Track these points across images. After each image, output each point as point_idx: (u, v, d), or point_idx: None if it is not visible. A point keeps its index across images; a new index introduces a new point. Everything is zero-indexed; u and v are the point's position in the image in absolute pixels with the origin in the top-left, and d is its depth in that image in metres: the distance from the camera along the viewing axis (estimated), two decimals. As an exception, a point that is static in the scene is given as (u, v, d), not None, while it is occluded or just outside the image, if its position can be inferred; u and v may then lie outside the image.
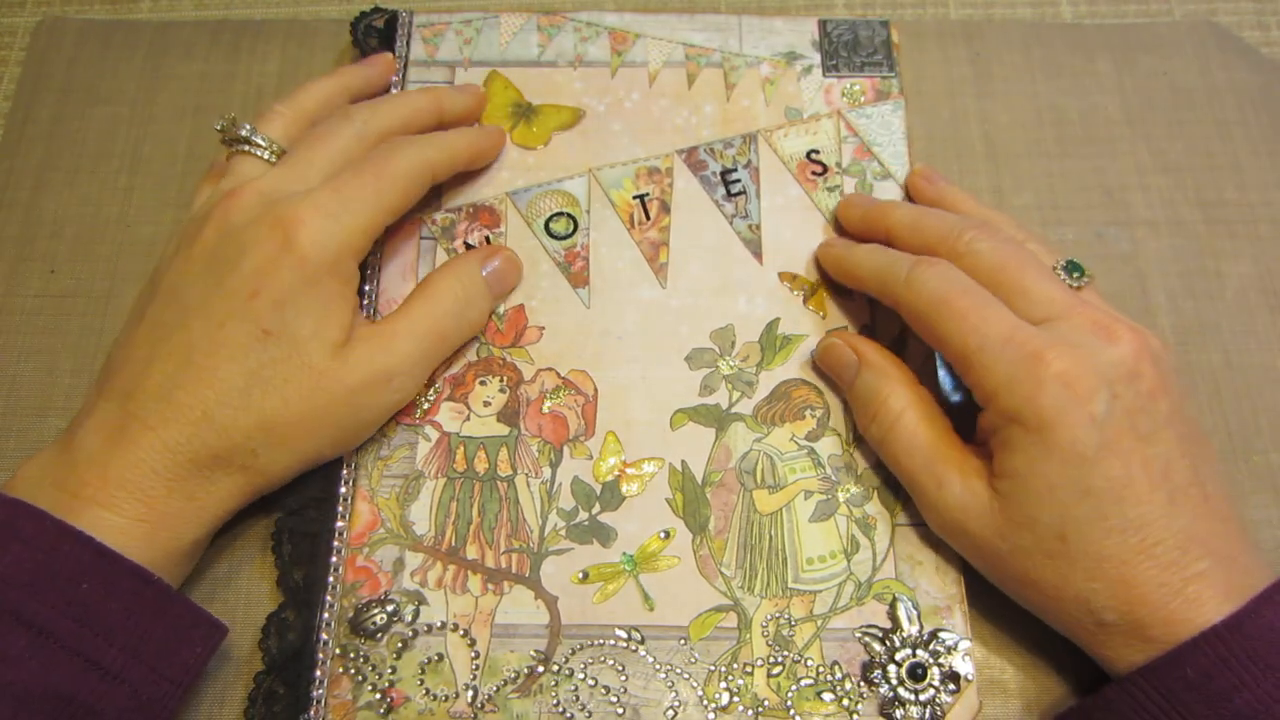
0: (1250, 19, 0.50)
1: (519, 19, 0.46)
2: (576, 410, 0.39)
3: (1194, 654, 0.30)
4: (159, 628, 0.31)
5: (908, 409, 0.36)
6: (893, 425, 0.36)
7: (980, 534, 0.33)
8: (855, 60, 0.45)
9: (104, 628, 0.30)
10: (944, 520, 0.35)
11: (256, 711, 0.34)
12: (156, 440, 0.33)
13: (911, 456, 0.35)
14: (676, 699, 0.35)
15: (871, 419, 0.37)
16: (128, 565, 0.31)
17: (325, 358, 0.35)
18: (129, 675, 0.31)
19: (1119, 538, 0.31)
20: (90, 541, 0.31)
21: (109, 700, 0.30)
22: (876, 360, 0.37)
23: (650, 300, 0.41)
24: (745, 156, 0.43)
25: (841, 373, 0.38)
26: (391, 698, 0.34)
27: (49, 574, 0.30)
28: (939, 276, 0.35)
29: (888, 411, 0.36)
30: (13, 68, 0.49)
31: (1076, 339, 0.33)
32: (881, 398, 0.36)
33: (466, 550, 0.37)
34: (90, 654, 0.30)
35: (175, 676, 0.32)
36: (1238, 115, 0.46)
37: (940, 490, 0.34)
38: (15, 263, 0.43)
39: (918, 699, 0.34)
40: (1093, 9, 0.50)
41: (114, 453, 0.32)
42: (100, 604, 0.31)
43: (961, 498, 0.34)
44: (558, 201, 0.43)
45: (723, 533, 0.37)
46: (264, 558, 0.37)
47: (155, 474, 0.33)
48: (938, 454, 0.35)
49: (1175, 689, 0.30)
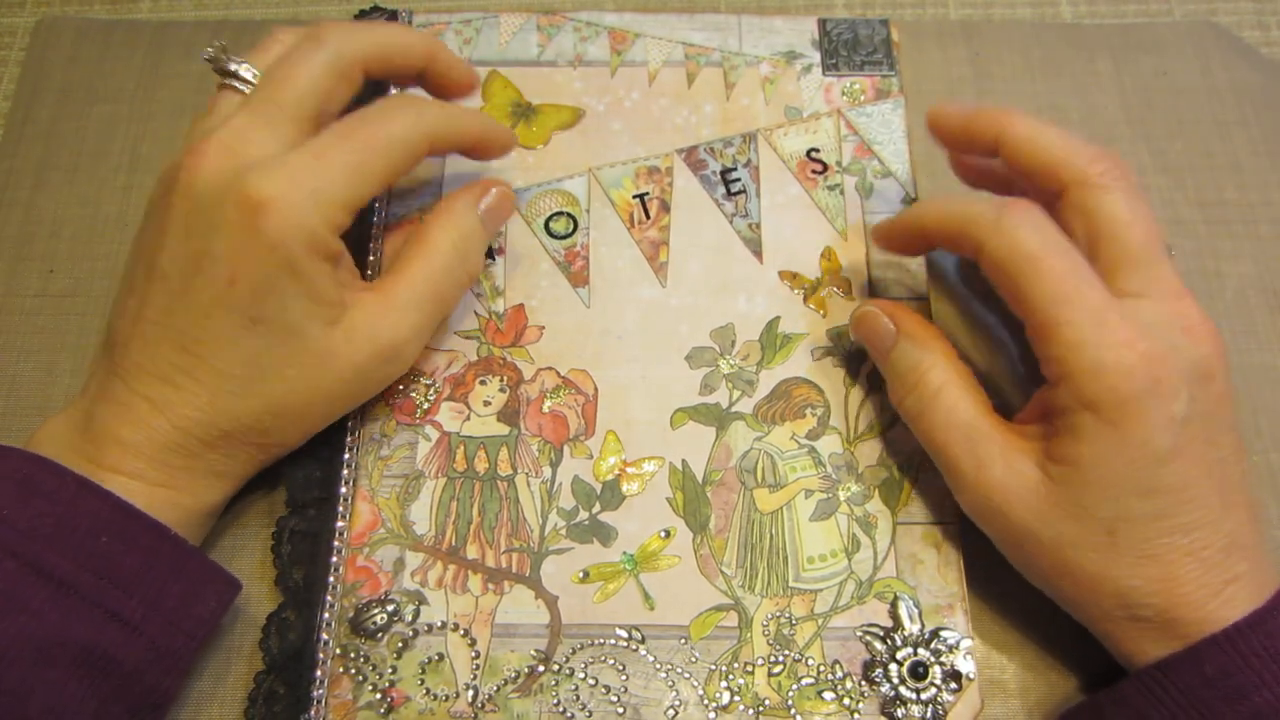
0: (1250, 19, 0.50)
1: (518, 19, 0.46)
2: (576, 410, 0.39)
3: (1213, 651, 0.30)
4: (177, 582, 0.32)
5: (948, 383, 0.34)
6: (932, 399, 0.34)
7: (1021, 518, 0.32)
8: (855, 59, 0.45)
9: (123, 580, 0.31)
10: (980, 501, 0.33)
11: (256, 711, 0.34)
12: (165, 421, 0.33)
13: (950, 432, 0.33)
14: (677, 698, 0.35)
15: (908, 391, 0.35)
16: (146, 520, 0.32)
17: (322, 338, 0.33)
18: (148, 627, 0.31)
19: (1170, 539, 0.31)
20: (109, 496, 0.31)
21: (128, 651, 0.31)
22: (916, 330, 0.35)
23: (650, 299, 0.41)
24: (745, 155, 0.43)
25: (877, 343, 0.36)
26: (392, 698, 0.34)
27: (69, 527, 0.31)
28: (1034, 227, 0.32)
29: (927, 385, 0.34)
30: (12, 68, 0.49)
31: (1164, 331, 0.31)
32: (921, 370, 0.34)
33: (467, 550, 0.37)
34: (110, 605, 0.30)
35: (191, 630, 0.32)
36: (1237, 115, 0.46)
37: (980, 470, 0.33)
38: (14, 262, 0.43)
39: (919, 698, 0.34)
40: (1093, 9, 0.50)
41: (127, 429, 0.33)
42: (120, 557, 0.31)
43: (1004, 479, 0.32)
44: (557, 201, 0.43)
45: (723, 532, 0.37)
46: (264, 558, 0.37)
47: (169, 450, 0.33)
48: (979, 431, 0.33)
49: (1193, 685, 0.30)
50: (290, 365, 0.33)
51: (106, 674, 0.30)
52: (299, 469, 0.38)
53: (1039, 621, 0.36)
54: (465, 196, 0.38)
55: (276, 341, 0.33)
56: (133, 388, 0.33)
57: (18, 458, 0.32)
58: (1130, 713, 0.31)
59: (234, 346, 0.33)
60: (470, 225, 0.37)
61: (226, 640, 0.36)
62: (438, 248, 0.36)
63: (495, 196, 0.38)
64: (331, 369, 0.34)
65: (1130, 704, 0.31)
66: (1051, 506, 0.31)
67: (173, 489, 0.33)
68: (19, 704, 0.29)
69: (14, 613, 0.29)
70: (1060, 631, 0.35)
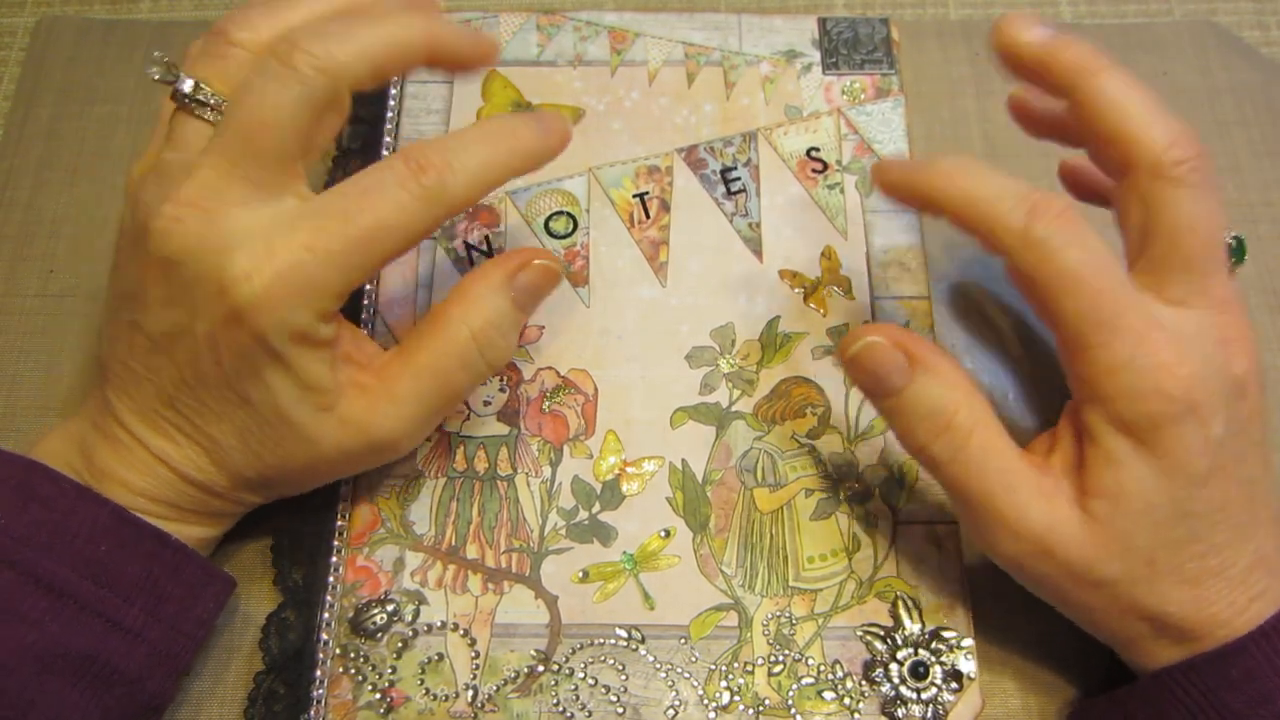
0: (1250, 19, 0.50)
1: (518, 18, 0.46)
2: (576, 409, 0.39)
3: (1240, 654, 0.29)
4: (176, 587, 0.32)
5: (979, 423, 0.30)
6: (964, 443, 0.30)
7: (1066, 562, 0.30)
8: (855, 58, 0.45)
9: (123, 589, 0.30)
10: (1023, 550, 0.30)
11: (256, 711, 0.34)
12: (168, 472, 0.32)
13: (986, 479, 0.30)
14: (677, 698, 0.35)
15: (935, 436, 0.30)
16: (147, 528, 0.31)
17: (313, 424, 0.31)
18: (149, 634, 0.31)
19: (1203, 561, 0.29)
20: (108, 503, 0.31)
21: (130, 658, 0.30)
22: (938, 363, 0.31)
23: (650, 299, 0.41)
24: (745, 155, 0.43)
25: (885, 381, 0.31)
26: (392, 697, 0.34)
27: (67, 535, 0.30)
28: (1069, 240, 0.29)
29: (958, 427, 0.30)
30: (12, 68, 0.49)
31: (1204, 346, 0.29)
32: (950, 411, 0.30)
33: (466, 550, 0.37)
34: (110, 614, 0.30)
35: (191, 631, 0.32)
36: (1237, 115, 0.46)
37: (1023, 517, 0.30)
38: (14, 262, 0.43)
39: (920, 698, 0.34)
40: (1093, 9, 0.50)
41: (133, 475, 0.32)
42: (119, 565, 0.30)
43: (1047, 523, 0.29)
44: (557, 200, 0.43)
45: (723, 531, 0.37)
46: (264, 558, 0.37)
47: (173, 489, 0.32)
48: (1017, 475, 0.30)
49: (1216, 687, 0.29)
50: (283, 443, 0.31)
51: (109, 683, 0.30)
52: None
53: (1040, 621, 0.36)
54: (495, 274, 0.33)
55: (266, 423, 0.31)
56: (131, 432, 0.32)
57: (14, 464, 0.31)
58: (1151, 712, 0.30)
59: (227, 420, 0.31)
60: (497, 311, 0.32)
61: (226, 640, 0.36)
62: (454, 337, 0.32)
63: (534, 273, 0.33)
64: (323, 452, 0.32)
65: (1151, 701, 0.30)
66: (1097, 547, 0.29)
67: (177, 519, 0.33)
68: (20, 715, 0.29)
69: (13, 622, 0.29)
70: (1061, 632, 0.34)
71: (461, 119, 0.44)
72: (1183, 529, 0.29)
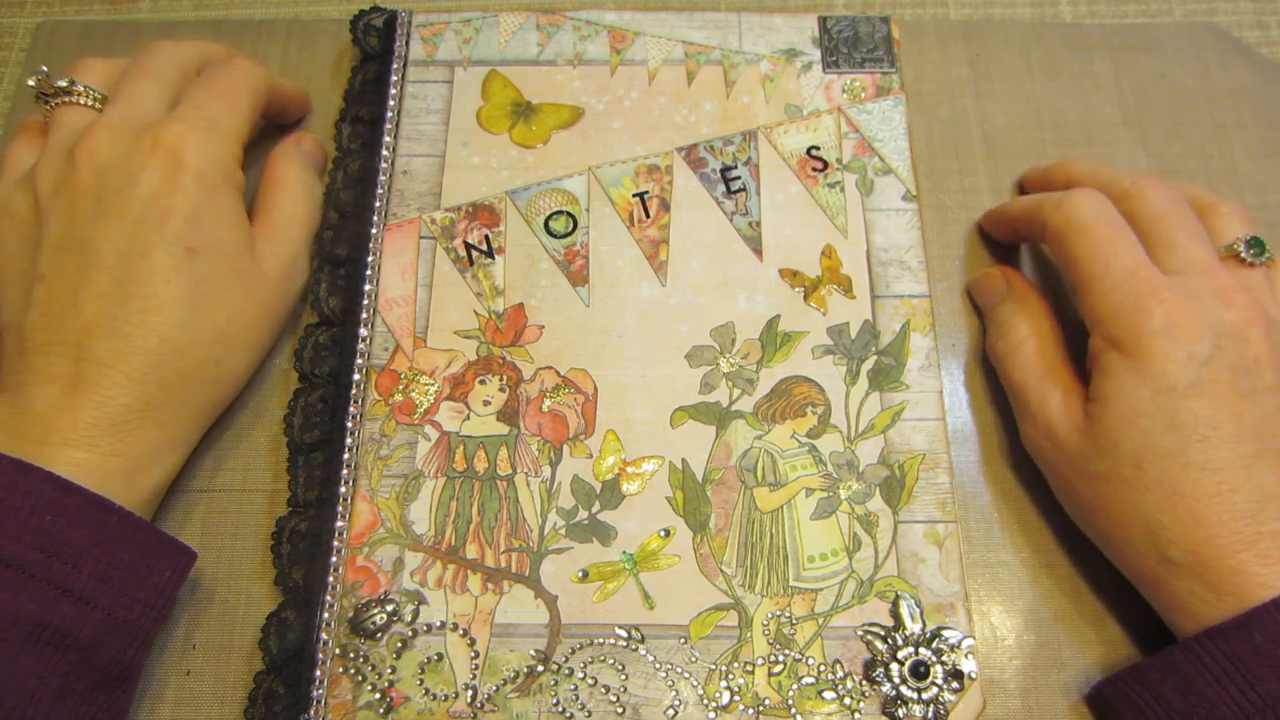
0: (1250, 19, 0.50)
1: (518, 18, 0.46)
2: (576, 409, 0.39)
3: (1263, 619, 0.30)
4: (125, 553, 0.32)
5: (1032, 335, 0.39)
6: (1017, 345, 0.39)
7: (1065, 449, 0.35)
8: (856, 56, 0.45)
9: (70, 555, 0.31)
10: (1039, 431, 0.37)
11: (256, 711, 0.34)
12: (120, 376, 0.33)
13: (1026, 373, 0.38)
14: (677, 698, 0.35)
15: (1000, 337, 0.40)
16: (89, 495, 0.32)
17: (248, 259, 0.38)
18: (100, 600, 0.31)
19: (1196, 475, 0.32)
20: (50, 476, 0.32)
21: (83, 624, 0.31)
22: (1023, 291, 0.40)
23: (650, 298, 0.41)
24: (745, 153, 0.43)
25: (989, 298, 0.41)
26: (391, 697, 0.34)
27: (9, 508, 0.31)
28: (1089, 203, 0.37)
29: (1015, 332, 0.39)
30: (12, 68, 0.49)
31: (1197, 293, 0.34)
32: (1015, 322, 0.39)
33: (466, 549, 0.37)
34: (59, 581, 0.31)
35: (148, 599, 0.33)
36: (1236, 117, 0.46)
37: (1043, 404, 0.37)
38: (13, 262, 0.43)
39: (920, 697, 0.34)
40: (1092, 9, 0.50)
41: (79, 398, 0.33)
42: (64, 533, 0.31)
43: (1058, 414, 0.36)
44: (557, 200, 0.43)
45: (723, 531, 0.37)
46: (264, 558, 0.37)
47: (127, 409, 0.33)
48: (1049, 373, 0.37)
49: (1241, 653, 0.30)
50: (228, 289, 0.36)
51: (63, 649, 0.30)
52: (299, 469, 0.38)
53: (1040, 621, 0.36)
54: (289, 144, 0.43)
55: (213, 268, 0.36)
56: (78, 354, 0.33)
57: None
58: (1177, 679, 0.31)
59: (177, 279, 0.35)
60: (304, 163, 0.42)
61: (226, 640, 0.36)
62: (293, 185, 0.41)
63: (309, 141, 0.44)
64: (258, 286, 0.38)
65: (1178, 670, 0.31)
66: (1090, 441, 0.35)
67: (126, 458, 0.33)
68: None
69: None
70: (1061, 632, 0.34)
71: (462, 119, 0.44)
72: (1169, 439, 0.33)
